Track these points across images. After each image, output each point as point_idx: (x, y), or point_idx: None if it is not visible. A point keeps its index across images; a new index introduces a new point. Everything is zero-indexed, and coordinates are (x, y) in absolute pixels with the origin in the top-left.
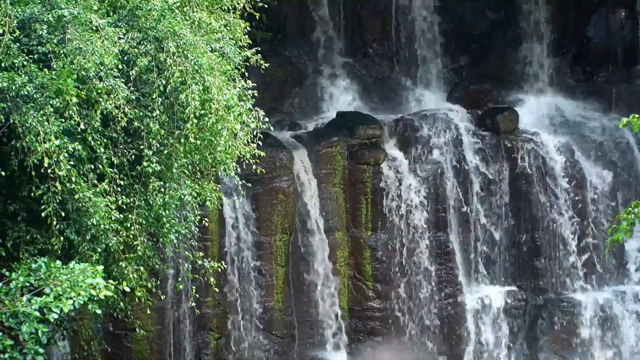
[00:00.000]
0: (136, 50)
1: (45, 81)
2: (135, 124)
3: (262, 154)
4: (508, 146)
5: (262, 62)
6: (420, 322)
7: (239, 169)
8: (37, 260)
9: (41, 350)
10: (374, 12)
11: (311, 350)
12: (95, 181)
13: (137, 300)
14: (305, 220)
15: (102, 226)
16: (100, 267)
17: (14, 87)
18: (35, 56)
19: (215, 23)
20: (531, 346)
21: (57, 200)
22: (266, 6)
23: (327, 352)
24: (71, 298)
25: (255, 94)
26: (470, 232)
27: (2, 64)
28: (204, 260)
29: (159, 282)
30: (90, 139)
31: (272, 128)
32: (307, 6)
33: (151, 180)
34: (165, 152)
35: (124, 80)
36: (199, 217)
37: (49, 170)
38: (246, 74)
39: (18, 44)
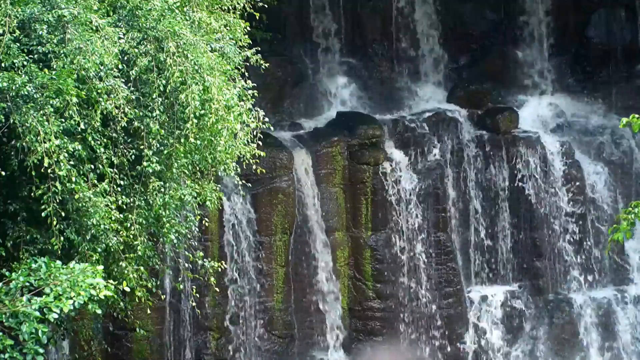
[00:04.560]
0: (136, 50)
1: (45, 81)
2: (135, 124)
3: (262, 154)
4: (508, 146)
5: (262, 62)
6: (420, 322)
7: (239, 169)
8: (37, 260)
9: (41, 350)
10: (374, 12)
11: (311, 350)
12: (95, 181)
13: (137, 300)
14: (305, 220)
15: (102, 226)
16: (100, 267)
17: (14, 87)
18: (35, 56)
19: (215, 23)
20: (531, 346)
21: (57, 200)
22: (266, 6)
23: (327, 352)
24: (71, 298)
25: (255, 94)
26: (470, 232)
27: (2, 64)
28: (204, 260)
29: (159, 282)
30: (90, 139)
31: (272, 128)
32: (307, 6)
33: (151, 180)
34: (165, 152)
35: (124, 80)
36: (199, 217)
37: (49, 170)
38: (246, 74)
39: (18, 44)
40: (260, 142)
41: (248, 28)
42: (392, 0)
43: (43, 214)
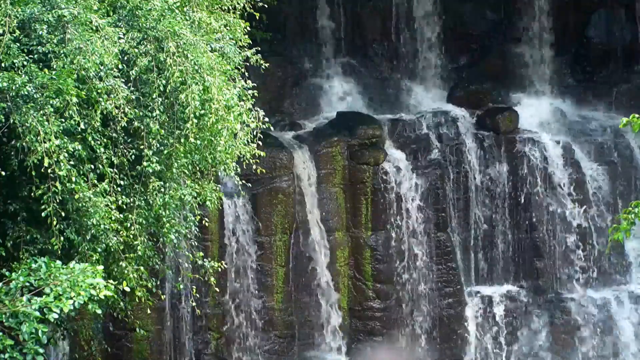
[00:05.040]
0: (136, 50)
1: (45, 81)
2: (135, 124)
3: (262, 154)
4: (508, 146)
5: (262, 62)
6: (420, 322)
7: (239, 169)
8: (37, 260)
9: (41, 350)
10: (374, 12)
11: (311, 350)
12: (95, 181)
13: (137, 300)
14: (305, 220)
15: (102, 226)
16: (100, 267)
17: (14, 87)
18: (35, 56)
19: (215, 23)
20: (531, 346)
21: (57, 200)
22: (266, 6)
23: (327, 352)
24: (71, 298)
25: (255, 94)
26: (470, 232)
27: (2, 64)
28: (204, 260)
29: (158, 282)
30: (90, 139)
31: (272, 128)
32: (307, 6)
33: (151, 180)
34: (165, 152)
35: (124, 80)
36: (199, 217)
37: (49, 170)
38: (246, 74)
39: (18, 44)
40: (260, 142)
41: (248, 28)
42: (392, 0)
43: (43, 214)
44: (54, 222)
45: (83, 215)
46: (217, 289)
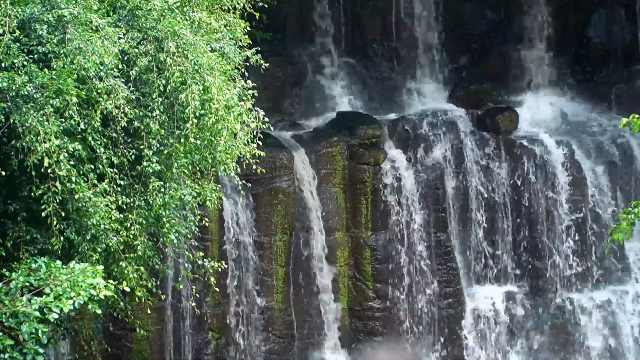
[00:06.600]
0: (136, 50)
1: (45, 81)
2: (135, 124)
3: (262, 154)
4: (508, 146)
5: (262, 62)
6: (420, 322)
7: (239, 169)
8: (37, 260)
9: (41, 350)
10: (374, 12)
11: (311, 350)
12: (95, 181)
13: (137, 300)
14: (305, 220)
15: (102, 226)
16: (100, 267)
17: (14, 87)
18: (35, 56)
19: (215, 23)
20: (531, 346)
21: (57, 200)
22: (266, 6)
23: (327, 352)
24: (71, 298)
25: (255, 94)
26: (470, 232)
27: (2, 64)
28: (204, 260)
29: (159, 282)
30: (90, 139)
31: (272, 128)
32: (307, 6)
33: (151, 180)
34: (165, 152)
35: (124, 80)
36: (199, 217)
37: (49, 170)
38: (246, 74)
39: (18, 44)
40: (260, 142)
41: (248, 28)
42: (392, 0)
43: (43, 214)
44: (54, 222)
45: (83, 215)
46: (217, 289)
